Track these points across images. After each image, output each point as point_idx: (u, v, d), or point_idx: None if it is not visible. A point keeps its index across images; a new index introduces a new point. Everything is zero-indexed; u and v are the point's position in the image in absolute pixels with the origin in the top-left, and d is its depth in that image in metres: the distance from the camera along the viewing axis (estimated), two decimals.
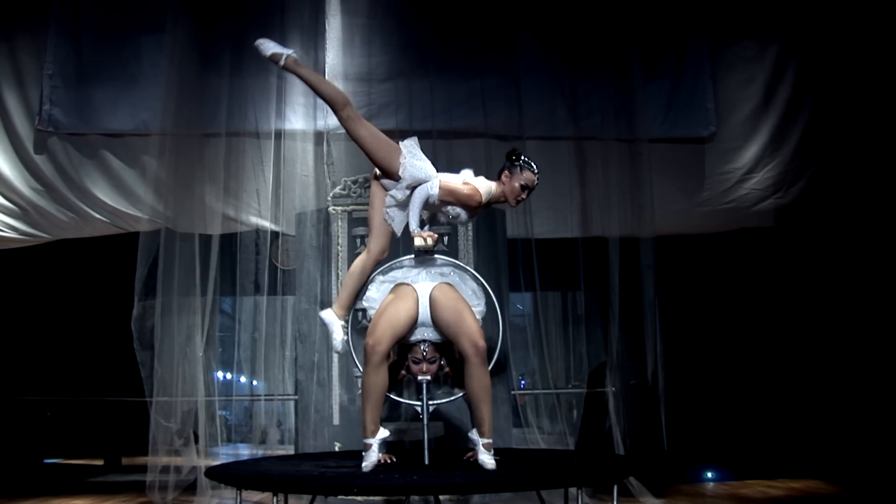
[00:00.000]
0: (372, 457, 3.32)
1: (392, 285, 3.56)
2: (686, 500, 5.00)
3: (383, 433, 3.38)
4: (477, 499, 4.72)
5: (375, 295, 3.60)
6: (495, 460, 3.29)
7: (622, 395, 5.27)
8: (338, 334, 3.63)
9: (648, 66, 5.73)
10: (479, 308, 3.58)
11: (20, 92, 5.59)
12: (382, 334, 3.34)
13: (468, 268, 4.35)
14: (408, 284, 3.51)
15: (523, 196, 3.54)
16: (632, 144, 5.59)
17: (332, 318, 3.64)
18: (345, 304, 3.68)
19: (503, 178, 3.57)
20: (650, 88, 5.72)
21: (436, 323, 3.42)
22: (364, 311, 4.79)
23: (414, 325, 3.43)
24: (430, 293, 3.44)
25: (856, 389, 5.99)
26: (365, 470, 3.31)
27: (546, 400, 5.40)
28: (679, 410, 5.42)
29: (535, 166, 3.53)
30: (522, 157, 3.54)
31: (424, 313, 3.42)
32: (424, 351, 3.52)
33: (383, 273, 3.68)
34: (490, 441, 3.33)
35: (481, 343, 3.31)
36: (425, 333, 3.46)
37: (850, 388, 6.01)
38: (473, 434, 3.37)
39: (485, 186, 3.58)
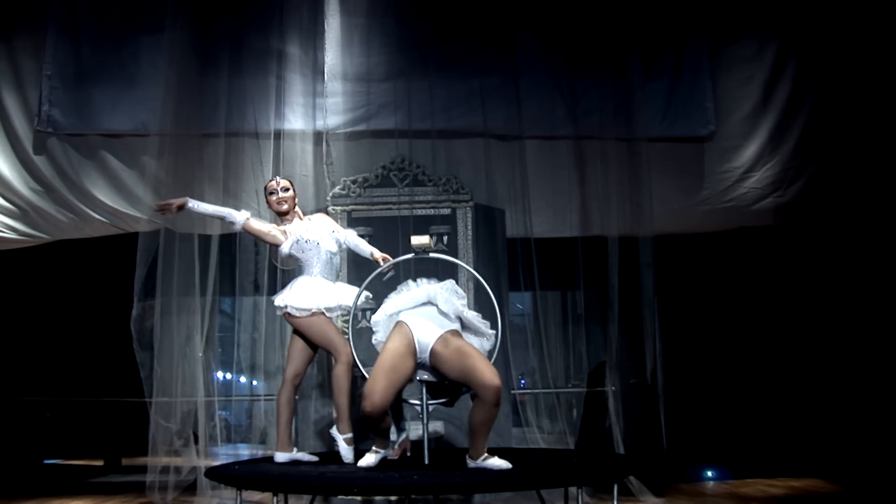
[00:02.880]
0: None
1: (394, 319, 3.66)
2: (686, 499, 5.00)
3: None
4: (477, 498, 4.72)
5: (381, 331, 3.71)
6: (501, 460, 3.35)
7: (622, 395, 5.27)
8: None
9: (647, 65, 5.72)
10: (488, 343, 3.69)
11: (19, 93, 5.59)
12: (382, 399, 3.36)
13: (468, 267, 4.35)
14: (406, 326, 3.54)
15: (274, 198, 4.09)
16: (631, 143, 5.58)
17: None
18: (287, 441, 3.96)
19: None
20: (649, 87, 5.71)
21: (442, 373, 3.49)
22: (364, 311, 4.81)
23: (413, 374, 3.52)
24: (430, 347, 3.47)
25: (855, 389, 5.98)
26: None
27: (546, 399, 5.40)
28: (679, 409, 5.42)
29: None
30: None
31: (423, 357, 3.50)
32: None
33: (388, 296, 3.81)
34: (487, 455, 3.38)
35: (497, 382, 3.27)
36: (423, 376, 3.59)
37: (850, 388, 6.00)
38: (469, 460, 3.41)
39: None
